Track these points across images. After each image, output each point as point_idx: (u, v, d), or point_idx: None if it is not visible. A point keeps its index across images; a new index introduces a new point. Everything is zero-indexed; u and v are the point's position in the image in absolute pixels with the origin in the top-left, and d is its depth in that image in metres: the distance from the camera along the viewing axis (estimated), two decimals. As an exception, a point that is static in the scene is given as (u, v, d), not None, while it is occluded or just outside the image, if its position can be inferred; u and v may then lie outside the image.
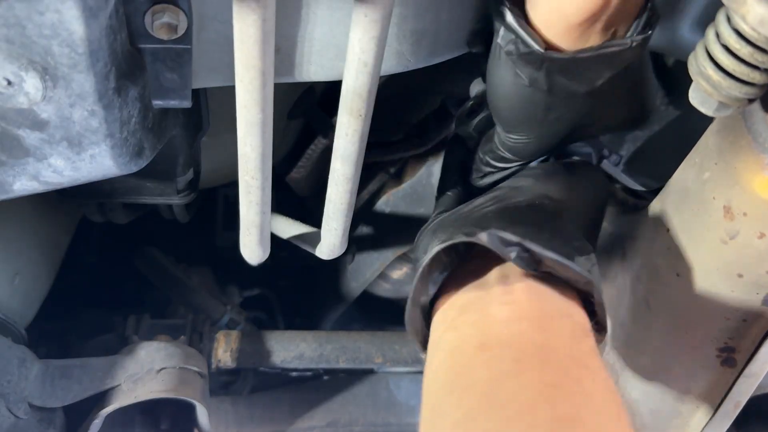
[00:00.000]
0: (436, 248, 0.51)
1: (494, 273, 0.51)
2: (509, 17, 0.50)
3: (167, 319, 0.98)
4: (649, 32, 0.50)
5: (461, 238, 0.50)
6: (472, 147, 0.67)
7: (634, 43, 0.50)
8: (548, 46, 0.50)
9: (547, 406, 0.40)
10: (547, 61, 0.50)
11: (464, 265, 0.54)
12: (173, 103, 0.55)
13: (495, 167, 0.63)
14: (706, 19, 0.49)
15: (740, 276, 0.55)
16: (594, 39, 0.50)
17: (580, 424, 0.39)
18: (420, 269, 0.52)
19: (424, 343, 0.55)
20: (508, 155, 0.61)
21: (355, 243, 1.06)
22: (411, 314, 0.54)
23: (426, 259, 0.52)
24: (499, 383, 0.43)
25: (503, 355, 0.44)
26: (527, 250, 0.48)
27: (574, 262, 0.48)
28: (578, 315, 0.49)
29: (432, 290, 0.53)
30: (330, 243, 0.69)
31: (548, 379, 0.42)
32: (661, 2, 0.64)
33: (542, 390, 0.41)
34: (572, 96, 0.53)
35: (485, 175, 0.64)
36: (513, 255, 0.48)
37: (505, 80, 0.53)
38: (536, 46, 0.50)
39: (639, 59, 0.52)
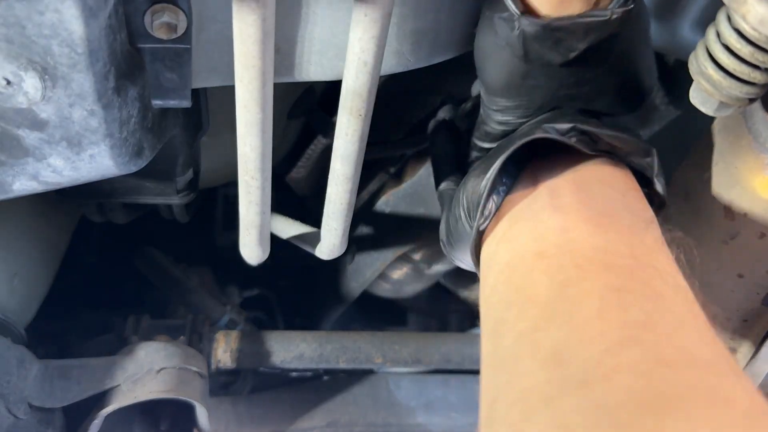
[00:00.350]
0: (500, 159, 0.50)
1: (541, 183, 0.50)
2: None
3: (167, 319, 0.98)
4: (631, 5, 0.49)
5: (522, 140, 0.49)
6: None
7: (614, 15, 0.48)
8: (527, 9, 0.49)
9: (615, 311, 0.38)
10: (521, 25, 0.49)
11: (512, 190, 0.53)
12: (173, 103, 0.55)
13: (481, 148, 0.61)
14: (706, 19, 0.49)
15: (741, 276, 0.55)
16: (575, 7, 0.49)
17: (651, 327, 0.37)
18: (487, 185, 0.50)
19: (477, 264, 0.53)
20: (493, 127, 0.59)
21: (355, 243, 1.06)
22: (475, 239, 0.52)
23: (493, 172, 0.50)
24: (562, 291, 0.41)
25: (563, 263, 0.42)
26: (584, 132, 0.48)
27: (630, 135, 0.49)
28: (635, 202, 0.47)
29: (488, 213, 0.51)
30: (330, 243, 0.69)
31: (613, 283, 0.40)
32: (661, 2, 0.64)
33: (608, 295, 0.39)
34: (548, 66, 0.51)
35: (474, 160, 0.63)
36: (573, 140, 0.48)
37: (487, 40, 0.53)
38: (513, 7, 0.49)
39: (629, 34, 0.51)
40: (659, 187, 0.50)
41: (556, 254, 0.43)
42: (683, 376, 0.34)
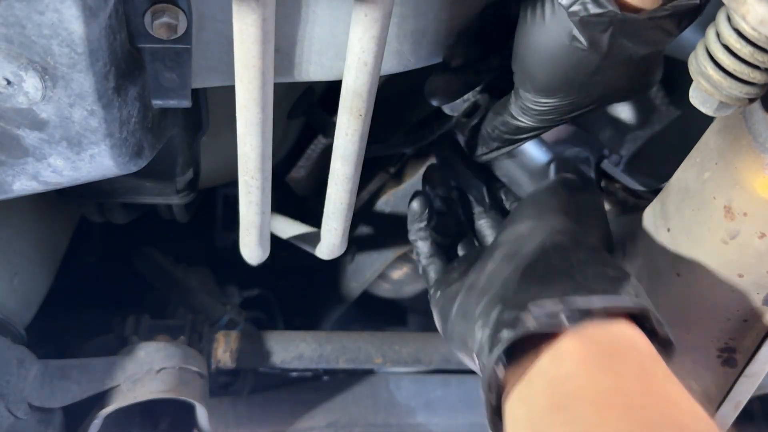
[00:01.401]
0: (493, 357, 0.48)
1: (544, 340, 0.48)
2: None
3: (166, 319, 0.98)
4: None
5: (512, 336, 0.47)
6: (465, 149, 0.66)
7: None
8: (620, 5, 0.48)
9: None
10: (619, 23, 0.47)
11: (515, 351, 0.50)
12: (173, 103, 0.55)
13: (505, 140, 0.60)
14: (706, 19, 0.49)
15: (741, 276, 0.55)
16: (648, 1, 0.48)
17: None
18: (484, 384, 0.49)
19: None
20: (525, 123, 0.57)
21: (355, 243, 1.06)
22: (494, 422, 0.50)
23: (487, 372, 0.48)
24: None
25: (581, 411, 0.42)
26: (574, 309, 0.46)
27: (621, 295, 0.47)
28: (639, 341, 0.47)
29: (495, 384, 0.49)
30: (330, 243, 0.69)
31: (636, 423, 0.41)
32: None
33: None
34: (627, 59, 0.50)
35: (492, 150, 0.61)
36: (565, 323, 0.46)
37: (552, 43, 0.50)
38: (610, 7, 0.47)
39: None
40: (662, 330, 0.48)
41: (571, 404, 0.43)
42: None
